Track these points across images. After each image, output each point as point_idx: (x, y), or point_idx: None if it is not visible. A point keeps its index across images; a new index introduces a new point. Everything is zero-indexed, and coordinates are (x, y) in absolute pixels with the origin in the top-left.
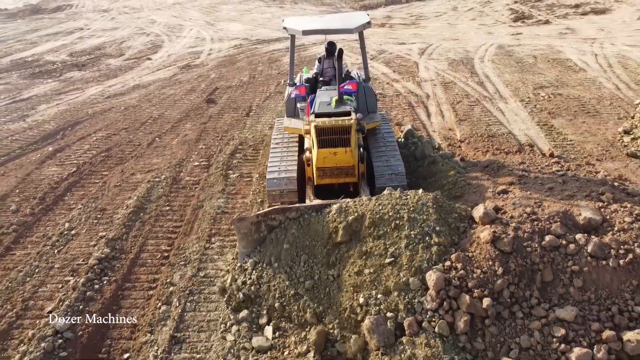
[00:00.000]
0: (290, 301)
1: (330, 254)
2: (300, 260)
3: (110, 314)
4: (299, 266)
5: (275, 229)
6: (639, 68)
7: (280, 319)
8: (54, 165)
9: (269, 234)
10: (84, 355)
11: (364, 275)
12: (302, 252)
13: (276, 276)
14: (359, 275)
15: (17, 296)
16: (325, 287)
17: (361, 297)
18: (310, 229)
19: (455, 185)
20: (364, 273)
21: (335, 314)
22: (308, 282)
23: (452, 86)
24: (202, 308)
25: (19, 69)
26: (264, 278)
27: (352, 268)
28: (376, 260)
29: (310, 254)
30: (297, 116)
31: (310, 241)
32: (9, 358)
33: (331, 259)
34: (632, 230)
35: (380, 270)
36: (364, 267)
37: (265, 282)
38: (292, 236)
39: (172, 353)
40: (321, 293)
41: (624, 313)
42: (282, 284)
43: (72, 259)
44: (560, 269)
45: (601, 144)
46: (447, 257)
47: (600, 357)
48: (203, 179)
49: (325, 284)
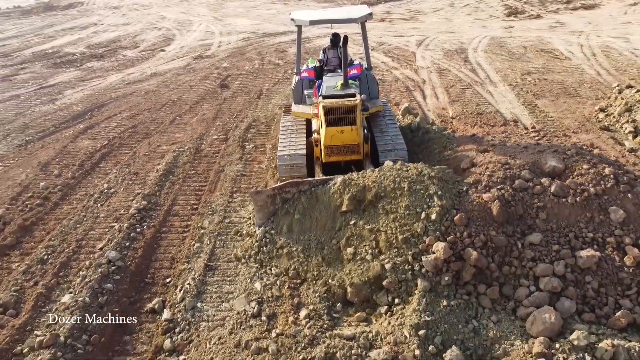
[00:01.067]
0: (302, 263)
1: (336, 221)
2: (309, 227)
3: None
4: (308, 233)
5: (287, 201)
6: (620, 57)
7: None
8: (86, 139)
9: (282, 205)
10: (133, 278)
11: (369, 239)
12: (312, 221)
13: (288, 242)
14: (361, 239)
15: (71, 238)
16: (331, 249)
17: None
18: (318, 200)
19: (444, 148)
20: (368, 237)
21: (340, 272)
22: (317, 246)
23: (447, 73)
24: (229, 245)
25: (41, 60)
26: (277, 244)
27: (357, 232)
28: (380, 223)
29: (319, 222)
30: (304, 102)
31: (318, 211)
32: (71, 282)
33: (337, 226)
34: (588, 175)
35: (379, 232)
36: (369, 230)
37: (278, 247)
38: (302, 207)
39: (206, 277)
40: (328, 255)
41: (578, 238)
42: (294, 248)
43: (114, 210)
44: (528, 205)
45: (578, 120)
46: (448, 218)
47: (558, 270)
48: (222, 149)
49: (332, 247)
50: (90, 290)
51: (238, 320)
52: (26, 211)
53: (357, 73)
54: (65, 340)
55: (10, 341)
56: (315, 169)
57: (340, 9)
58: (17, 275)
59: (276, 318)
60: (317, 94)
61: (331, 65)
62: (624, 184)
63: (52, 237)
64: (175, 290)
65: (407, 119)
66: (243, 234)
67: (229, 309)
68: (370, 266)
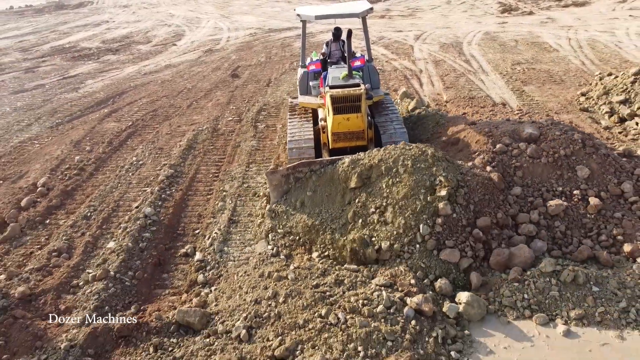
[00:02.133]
0: (314, 234)
1: (345, 197)
2: (320, 202)
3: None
4: (319, 207)
5: (299, 180)
6: (605, 48)
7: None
8: (112, 121)
9: (295, 184)
10: (167, 230)
11: (375, 212)
12: (322, 197)
13: (302, 216)
14: (365, 208)
15: (109, 200)
16: (340, 221)
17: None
18: (328, 179)
19: (437, 124)
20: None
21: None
22: (327, 218)
23: (442, 63)
24: (248, 204)
25: (60, 54)
26: (292, 218)
27: (365, 204)
28: (386, 196)
29: (329, 198)
30: (309, 93)
31: (329, 188)
32: (113, 233)
33: (346, 200)
34: (560, 139)
35: (385, 204)
36: (374, 204)
37: (292, 221)
38: (313, 185)
39: (230, 228)
40: (338, 226)
41: (549, 191)
42: (307, 221)
43: (145, 177)
44: (507, 165)
45: (561, 103)
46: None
47: (533, 217)
48: (237, 128)
49: (341, 219)
50: (132, 237)
51: (260, 259)
52: (65, 179)
53: (361, 64)
54: (115, 274)
55: (67, 277)
56: (323, 154)
57: (342, 4)
58: (65, 228)
59: (292, 257)
60: (324, 85)
61: (334, 58)
62: (590, 147)
63: (92, 199)
64: (204, 238)
65: (404, 102)
66: (260, 195)
67: (252, 251)
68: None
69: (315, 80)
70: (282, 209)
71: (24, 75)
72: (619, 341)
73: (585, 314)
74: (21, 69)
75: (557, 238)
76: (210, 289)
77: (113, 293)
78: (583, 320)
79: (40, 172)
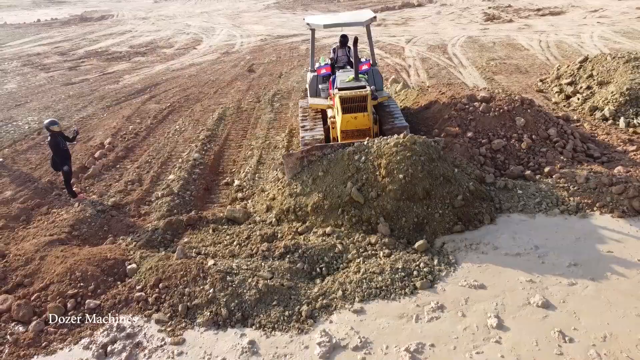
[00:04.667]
0: (323, 207)
1: (351, 176)
2: (331, 180)
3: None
4: (329, 183)
5: (312, 163)
6: (569, 48)
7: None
8: (152, 103)
9: (309, 166)
10: (211, 169)
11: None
12: (333, 175)
13: (313, 192)
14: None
15: (163, 152)
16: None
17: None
18: (338, 161)
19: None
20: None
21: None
22: (334, 189)
23: (428, 60)
24: (271, 155)
25: (95, 56)
26: (304, 193)
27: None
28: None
29: (337, 175)
30: (318, 95)
31: (338, 168)
32: (171, 171)
33: (353, 179)
34: (504, 100)
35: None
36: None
37: (304, 195)
38: (325, 166)
39: (258, 167)
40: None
41: (495, 135)
42: (317, 196)
43: (188, 138)
44: (465, 118)
45: (522, 87)
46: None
47: (481, 151)
48: (257, 107)
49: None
50: (186, 172)
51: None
52: (125, 141)
53: (367, 68)
54: (177, 192)
55: (142, 195)
56: None
57: (348, 13)
58: (133, 169)
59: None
60: (333, 87)
61: (341, 63)
62: (526, 104)
63: (150, 152)
64: (239, 173)
65: (393, 86)
66: (279, 147)
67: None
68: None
69: (324, 83)
70: (298, 186)
71: (68, 72)
72: (532, 220)
73: (511, 206)
74: (64, 68)
75: (498, 165)
76: (247, 202)
77: (178, 203)
78: (510, 209)
79: (103, 137)
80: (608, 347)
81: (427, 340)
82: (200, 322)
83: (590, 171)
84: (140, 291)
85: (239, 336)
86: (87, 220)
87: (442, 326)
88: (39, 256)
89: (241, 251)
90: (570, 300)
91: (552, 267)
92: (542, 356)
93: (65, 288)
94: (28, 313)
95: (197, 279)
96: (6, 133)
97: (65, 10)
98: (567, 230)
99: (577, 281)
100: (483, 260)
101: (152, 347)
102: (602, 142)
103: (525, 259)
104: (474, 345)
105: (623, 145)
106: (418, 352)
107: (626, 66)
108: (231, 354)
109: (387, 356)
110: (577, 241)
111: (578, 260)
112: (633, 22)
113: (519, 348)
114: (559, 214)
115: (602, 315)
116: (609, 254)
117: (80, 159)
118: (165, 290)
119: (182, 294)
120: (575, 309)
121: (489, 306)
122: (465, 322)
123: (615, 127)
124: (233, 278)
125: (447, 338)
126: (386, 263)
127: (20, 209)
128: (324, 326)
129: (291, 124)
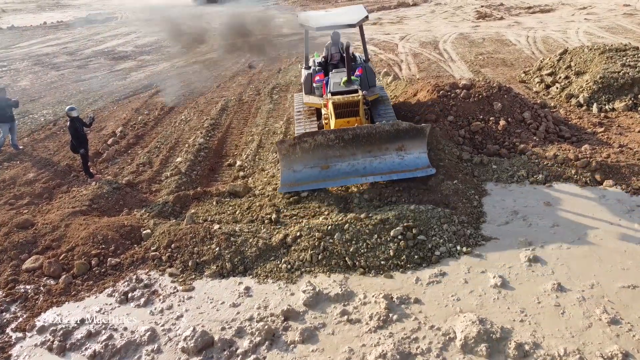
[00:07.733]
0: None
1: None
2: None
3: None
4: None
5: (305, 150)
6: (555, 43)
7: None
8: (159, 97)
9: (301, 154)
10: (215, 152)
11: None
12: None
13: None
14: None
15: (170, 139)
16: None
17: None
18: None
19: (406, 86)
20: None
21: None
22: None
23: (420, 55)
24: (270, 139)
25: (102, 56)
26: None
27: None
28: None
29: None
30: (313, 93)
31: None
32: (178, 155)
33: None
34: (483, 87)
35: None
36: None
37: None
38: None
39: (258, 150)
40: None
41: (474, 117)
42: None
43: (193, 126)
44: (447, 104)
45: (507, 78)
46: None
47: (460, 133)
48: (257, 99)
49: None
50: (192, 155)
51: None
52: (135, 129)
53: (359, 74)
54: (184, 172)
55: (152, 176)
56: None
57: (340, 11)
58: (144, 153)
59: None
60: (326, 91)
61: (334, 60)
62: (503, 90)
63: (158, 139)
64: (242, 155)
65: (385, 78)
66: (277, 133)
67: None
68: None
69: (319, 83)
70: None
71: (77, 70)
72: (505, 190)
73: (486, 178)
74: (73, 67)
75: (476, 145)
76: (247, 179)
77: (185, 181)
78: (485, 181)
79: (115, 126)
80: (592, 292)
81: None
82: (208, 274)
83: (560, 149)
84: (155, 251)
85: (237, 284)
86: (104, 196)
87: (440, 287)
88: (64, 224)
89: (243, 218)
90: (563, 256)
91: (539, 229)
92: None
93: (89, 249)
94: (58, 269)
95: (205, 239)
96: (24, 124)
97: (70, 13)
98: (540, 197)
99: (566, 240)
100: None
101: (166, 294)
102: (574, 125)
103: (516, 225)
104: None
105: (593, 127)
106: (402, 302)
107: (601, 57)
108: (230, 297)
109: (366, 305)
110: (549, 206)
111: (558, 222)
112: (618, 19)
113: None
114: (529, 184)
115: (591, 268)
116: (582, 216)
117: (94, 146)
118: (177, 250)
119: (191, 253)
120: (568, 264)
121: (492, 271)
122: (468, 286)
123: (588, 112)
124: (236, 238)
125: (446, 298)
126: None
127: (42, 188)
128: (310, 278)
129: (289, 113)
